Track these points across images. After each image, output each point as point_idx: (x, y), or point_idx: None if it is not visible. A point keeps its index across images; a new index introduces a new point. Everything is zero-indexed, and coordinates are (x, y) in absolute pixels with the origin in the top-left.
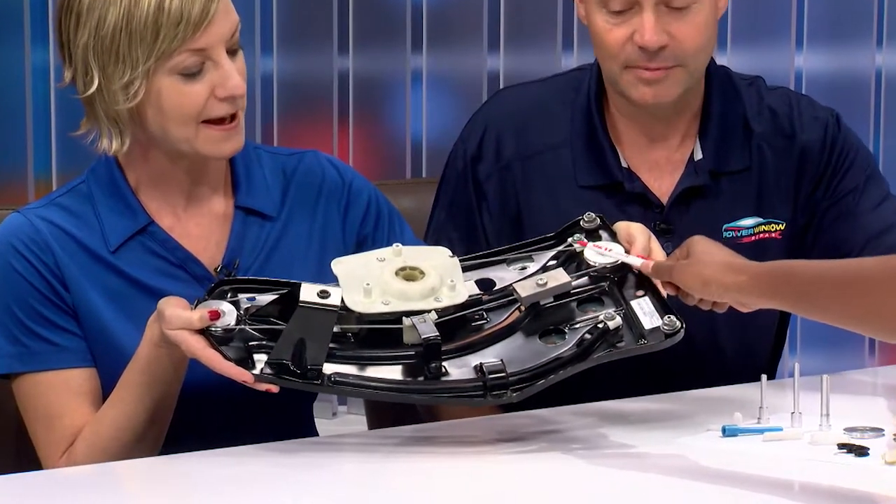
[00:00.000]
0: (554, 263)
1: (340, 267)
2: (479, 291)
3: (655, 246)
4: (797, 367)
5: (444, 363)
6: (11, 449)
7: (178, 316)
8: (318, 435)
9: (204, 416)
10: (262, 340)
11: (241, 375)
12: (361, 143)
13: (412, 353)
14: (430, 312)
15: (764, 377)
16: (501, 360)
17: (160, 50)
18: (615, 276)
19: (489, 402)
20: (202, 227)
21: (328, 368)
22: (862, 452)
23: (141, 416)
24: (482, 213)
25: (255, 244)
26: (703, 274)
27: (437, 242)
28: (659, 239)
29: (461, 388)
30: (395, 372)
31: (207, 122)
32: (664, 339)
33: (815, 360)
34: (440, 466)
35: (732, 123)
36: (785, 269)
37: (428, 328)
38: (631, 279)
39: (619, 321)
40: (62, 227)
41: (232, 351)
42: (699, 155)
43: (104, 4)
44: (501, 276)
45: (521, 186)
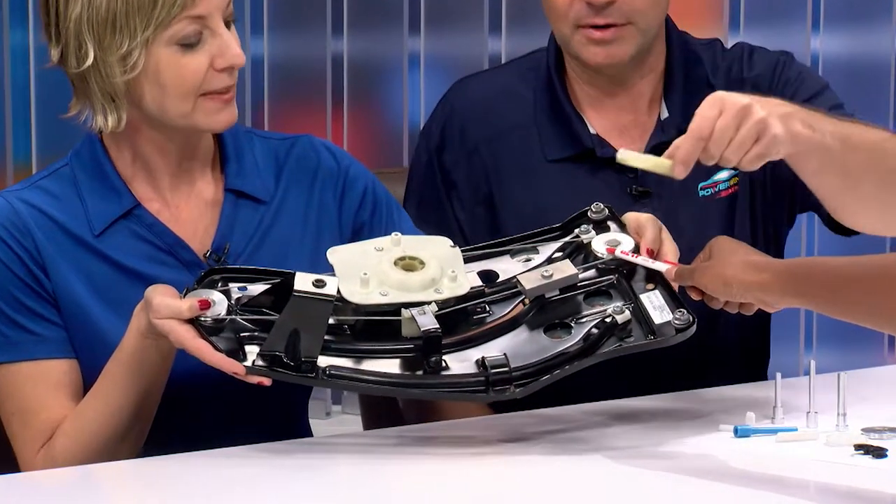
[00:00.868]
0: (560, 255)
1: (336, 256)
2: (481, 283)
3: (666, 237)
4: (813, 364)
5: (444, 357)
6: None
7: (166, 304)
8: (311, 435)
9: (191, 411)
10: (253, 332)
11: (231, 367)
12: (356, 129)
13: (411, 346)
14: (430, 304)
15: (778, 375)
16: (504, 354)
17: (159, 17)
18: (624, 268)
19: (491, 397)
20: (191, 210)
21: (323, 361)
22: (880, 454)
23: (124, 410)
24: (453, 204)
25: (246, 228)
26: (724, 274)
27: None
28: (638, 203)
29: (462, 382)
30: (393, 366)
31: (204, 94)
32: (675, 334)
33: (831, 357)
34: (440, 468)
35: (695, 83)
36: (807, 264)
37: (428, 320)
38: (640, 271)
39: (627, 315)
40: (44, 210)
41: (222, 342)
42: (665, 114)
43: None
44: (505, 267)
45: (490, 169)
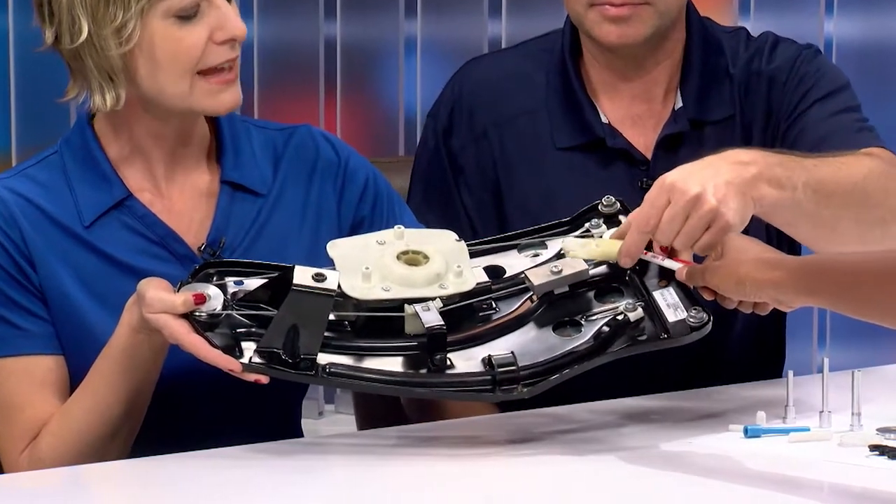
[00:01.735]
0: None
1: (337, 250)
2: (487, 279)
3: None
4: (826, 362)
5: (449, 355)
6: None
7: (159, 299)
8: (302, 435)
9: (183, 410)
10: (250, 327)
11: (227, 363)
12: (350, 117)
13: (415, 343)
14: (434, 300)
15: (790, 373)
16: (512, 352)
17: None
18: (636, 264)
19: (498, 397)
20: (185, 202)
21: (323, 359)
22: (895, 455)
23: (114, 407)
24: (460, 189)
25: (242, 221)
26: (736, 272)
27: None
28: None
29: (468, 381)
30: (395, 364)
31: (204, 73)
32: (690, 332)
33: (845, 354)
34: (441, 470)
35: (714, 73)
36: (822, 261)
37: (432, 317)
38: (653, 268)
39: (640, 313)
40: (31, 199)
41: (218, 338)
42: (679, 104)
43: None
44: (512, 262)
45: (498, 155)
